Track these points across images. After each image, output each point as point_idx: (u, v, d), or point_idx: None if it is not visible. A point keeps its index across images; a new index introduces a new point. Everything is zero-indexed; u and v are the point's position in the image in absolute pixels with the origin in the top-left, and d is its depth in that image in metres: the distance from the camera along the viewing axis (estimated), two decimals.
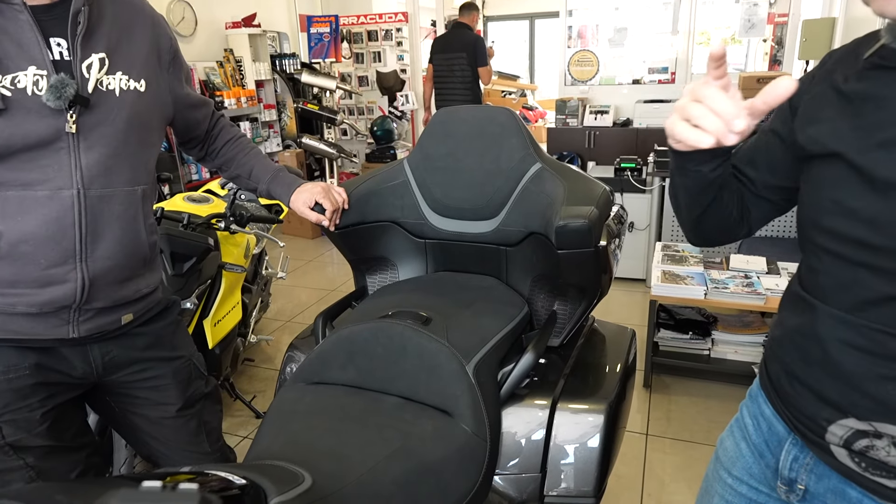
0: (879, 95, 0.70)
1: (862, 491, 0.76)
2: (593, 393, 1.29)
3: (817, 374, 0.78)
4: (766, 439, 0.91)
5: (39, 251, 1.01)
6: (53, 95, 0.97)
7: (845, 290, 0.74)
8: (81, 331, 1.10)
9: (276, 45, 5.84)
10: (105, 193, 1.06)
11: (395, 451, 1.00)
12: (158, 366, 1.24)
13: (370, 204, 1.54)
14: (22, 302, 1.03)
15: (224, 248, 2.13)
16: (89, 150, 1.03)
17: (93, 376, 1.16)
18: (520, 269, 1.50)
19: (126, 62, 1.09)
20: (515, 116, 1.47)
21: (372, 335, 1.20)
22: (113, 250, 1.09)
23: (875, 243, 0.69)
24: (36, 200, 0.99)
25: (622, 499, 2.04)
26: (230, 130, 1.45)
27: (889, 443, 0.71)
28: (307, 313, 3.69)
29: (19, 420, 1.08)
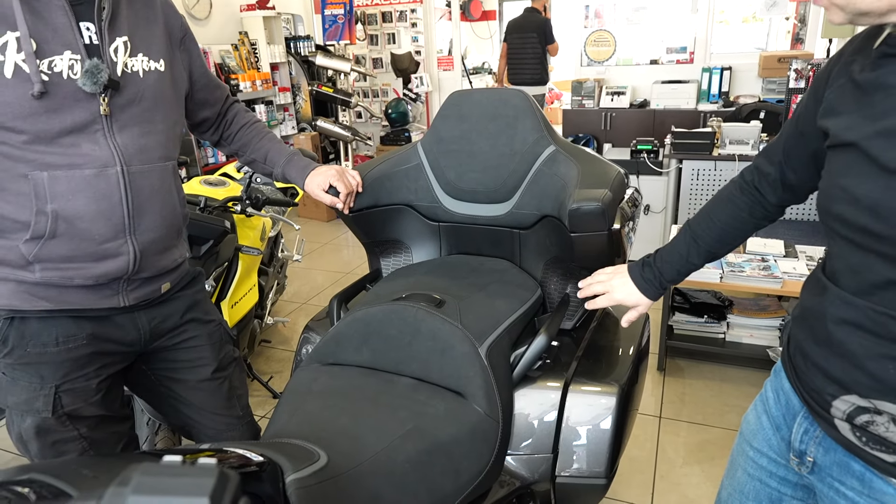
0: (888, 84, 0.71)
1: (864, 464, 0.79)
2: (605, 375, 1.30)
3: (824, 353, 0.81)
4: (783, 413, 0.95)
5: (93, 227, 1.06)
6: (90, 80, 1.01)
7: (854, 273, 0.76)
8: (129, 300, 1.16)
9: (291, 27, 5.83)
10: (143, 169, 1.11)
11: (409, 430, 1.01)
12: (195, 328, 1.31)
13: (384, 187, 1.54)
14: (79, 275, 1.08)
15: (240, 230, 2.16)
16: (122, 130, 1.08)
17: (140, 343, 1.23)
18: (533, 253, 1.50)
19: (145, 44, 1.13)
20: (529, 98, 1.46)
21: (386, 317, 1.22)
22: (156, 223, 1.15)
23: (877, 230, 0.71)
24: (84, 179, 1.04)
25: (635, 480, 2.06)
26: (245, 115, 1.47)
27: (888, 419, 0.74)
28: (323, 296, 3.73)
29: (77, 389, 1.14)
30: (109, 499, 0.39)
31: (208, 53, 4.72)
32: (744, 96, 4.81)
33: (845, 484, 0.83)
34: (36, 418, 1.13)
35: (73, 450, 1.17)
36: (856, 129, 0.74)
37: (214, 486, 0.39)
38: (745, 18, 6.49)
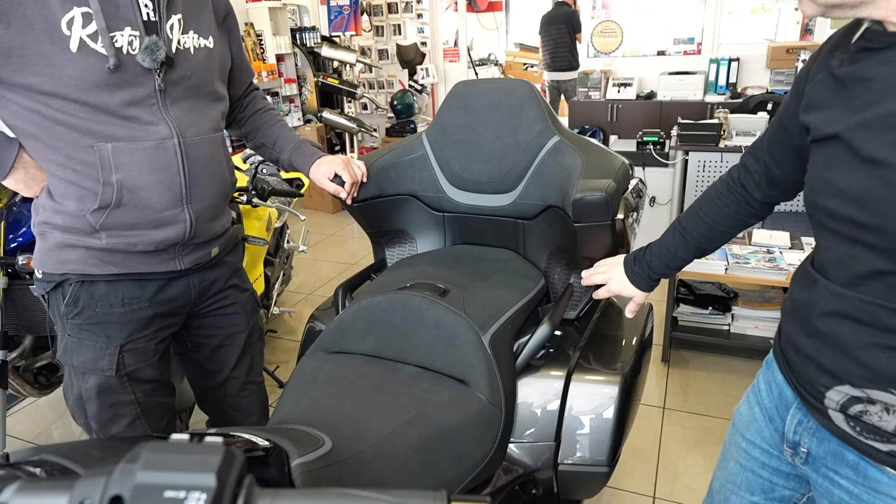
0: (865, 77, 0.72)
1: (858, 454, 0.80)
2: (608, 365, 1.30)
3: (816, 344, 0.82)
4: (776, 404, 0.95)
5: (154, 196, 1.12)
6: (149, 56, 1.06)
7: (841, 265, 0.77)
8: (185, 263, 1.24)
9: (297, 18, 5.82)
10: (196, 141, 1.17)
11: (413, 417, 1.03)
12: (235, 295, 1.39)
13: (389, 177, 1.55)
14: (142, 241, 1.16)
15: (246, 221, 2.17)
16: (174, 104, 1.13)
17: (190, 305, 1.30)
18: (537, 243, 1.51)
19: (195, 21, 1.17)
20: (534, 89, 1.46)
21: (390, 306, 1.23)
22: (208, 191, 1.21)
23: (862, 221, 0.72)
24: (145, 151, 1.10)
25: (637, 470, 2.07)
26: (261, 102, 1.50)
27: (882, 408, 0.75)
28: (328, 286, 3.75)
29: (139, 350, 1.22)
30: (119, 475, 0.40)
31: None
32: (751, 87, 4.77)
33: (839, 473, 0.84)
34: (99, 377, 1.20)
35: (127, 414, 1.24)
36: (837, 123, 0.75)
37: (221, 462, 0.40)
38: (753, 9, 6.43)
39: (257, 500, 0.42)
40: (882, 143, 0.69)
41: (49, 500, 0.40)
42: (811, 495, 0.96)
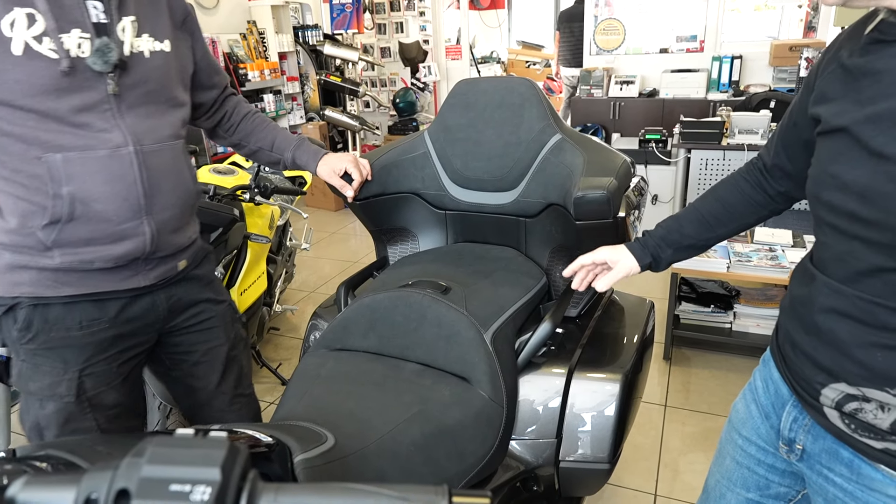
0: (876, 69, 0.71)
1: (853, 451, 0.80)
2: (610, 362, 1.31)
3: (813, 341, 0.82)
4: (772, 401, 0.95)
5: (110, 209, 1.06)
6: (101, 59, 1.00)
7: (841, 261, 0.77)
8: (149, 279, 1.17)
9: (299, 16, 5.82)
10: (155, 149, 1.11)
11: (414, 414, 1.03)
12: (210, 308, 1.32)
13: (391, 175, 1.56)
14: (99, 258, 1.09)
15: (249, 219, 2.18)
16: (130, 110, 1.08)
17: (160, 322, 1.24)
18: (539, 241, 1.51)
19: (150, 24, 1.12)
20: (536, 87, 1.46)
21: (392, 304, 1.23)
22: (170, 201, 1.15)
23: (865, 216, 0.71)
24: (98, 160, 1.04)
25: (639, 467, 2.07)
26: (246, 106, 1.45)
27: (876, 406, 0.75)
28: (330, 284, 3.75)
29: (99, 373, 1.15)
30: (125, 469, 0.41)
31: (216, 43, 4.72)
32: (754, 85, 4.76)
33: (834, 471, 0.84)
34: (58, 403, 1.13)
35: None
36: (845, 115, 0.74)
37: (225, 457, 0.41)
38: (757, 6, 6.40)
39: (261, 494, 0.43)
40: (891, 138, 0.68)
41: (57, 494, 0.41)
42: (806, 492, 0.96)
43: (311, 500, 0.43)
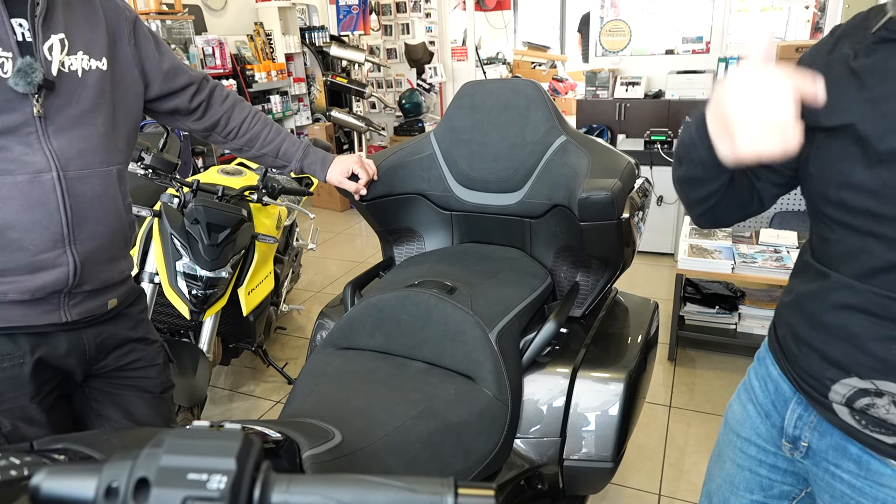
0: (885, 68, 0.72)
1: (862, 447, 0.81)
2: (614, 362, 1.32)
3: (822, 337, 0.81)
4: (772, 400, 0.95)
5: (27, 237, 0.99)
6: (23, 80, 0.95)
7: (853, 258, 0.77)
8: (73, 315, 1.09)
9: (306, 17, 5.85)
10: (83, 175, 1.04)
11: (421, 412, 1.05)
12: (141, 348, 1.24)
13: (398, 176, 1.57)
14: (14, 289, 1.01)
15: (257, 219, 2.20)
16: (58, 133, 1.01)
17: (84, 361, 1.15)
18: (543, 241, 1.52)
19: (84, 41, 1.06)
20: (541, 89, 1.48)
21: (399, 303, 1.25)
22: (98, 231, 1.08)
23: (881, 212, 0.72)
24: (16, 185, 0.97)
25: (644, 467, 2.08)
26: (245, 106, 1.40)
27: (889, 401, 0.75)
28: (336, 284, 3.77)
29: (15, 409, 1.06)
30: (144, 459, 0.42)
31: (224, 44, 4.76)
32: None
33: (841, 467, 0.84)
34: None
35: None
36: (850, 113, 0.74)
37: (240, 448, 0.43)
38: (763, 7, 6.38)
39: (274, 484, 0.44)
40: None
41: (79, 483, 0.43)
42: (810, 490, 0.96)
43: (322, 491, 0.45)
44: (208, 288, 1.85)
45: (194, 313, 1.87)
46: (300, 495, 0.44)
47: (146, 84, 1.21)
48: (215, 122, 1.36)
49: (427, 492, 0.45)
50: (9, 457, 0.55)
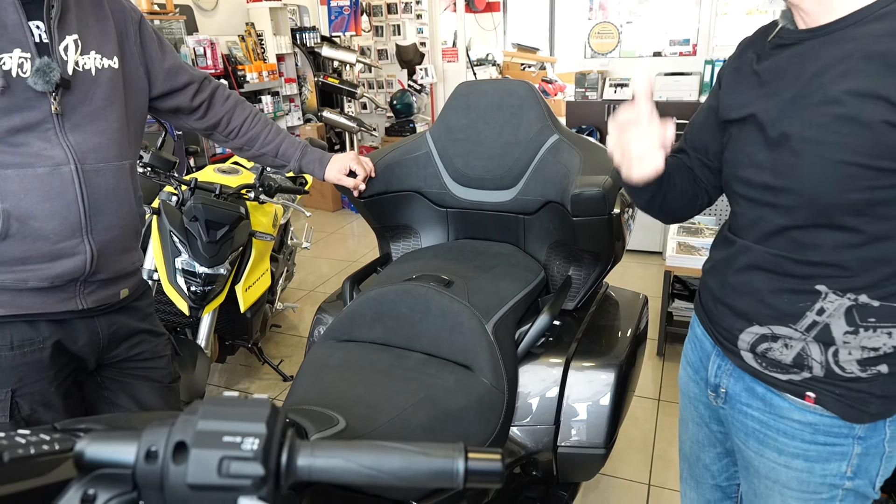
0: (778, 68, 0.87)
1: (766, 386, 0.96)
2: (605, 353, 1.37)
3: (731, 293, 0.97)
4: (699, 357, 1.11)
5: (48, 226, 1.04)
6: (42, 79, 1.00)
7: (754, 225, 0.92)
8: (88, 302, 1.14)
9: (297, 18, 5.87)
10: (98, 168, 1.09)
11: (421, 400, 1.09)
12: (151, 339, 1.29)
13: (395, 174, 1.61)
14: (34, 277, 1.06)
15: (253, 217, 2.22)
16: (74, 129, 1.06)
17: (98, 350, 1.20)
18: (537, 237, 1.57)
19: (96, 41, 1.11)
20: (534, 89, 1.52)
21: (398, 296, 1.29)
22: (113, 222, 1.13)
23: (773, 185, 0.86)
24: (36, 178, 1.02)
25: (634, 458, 2.13)
26: (246, 107, 1.44)
27: (782, 344, 0.91)
28: (329, 284, 3.80)
29: (35, 393, 1.11)
30: (181, 424, 0.46)
31: (215, 44, 4.77)
32: None
33: (752, 406, 0.99)
34: None
35: None
36: (753, 106, 0.89)
37: (269, 414, 0.47)
38: (749, 10, 6.47)
39: (299, 449, 0.48)
40: (790, 121, 0.83)
41: (120, 448, 0.46)
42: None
43: (343, 455, 0.49)
44: (207, 284, 1.87)
45: (193, 309, 1.90)
46: (323, 458, 0.48)
47: (150, 82, 1.25)
48: (217, 122, 1.40)
49: (440, 455, 0.49)
50: (38, 433, 0.58)
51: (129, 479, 0.46)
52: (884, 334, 0.84)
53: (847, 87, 0.77)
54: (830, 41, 0.80)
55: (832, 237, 0.83)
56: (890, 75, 0.74)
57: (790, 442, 0.95)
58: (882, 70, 0.74)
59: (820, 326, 0.87)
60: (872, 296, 0.83)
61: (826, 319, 0.86)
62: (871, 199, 0.79)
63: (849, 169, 0.78)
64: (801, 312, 0.88)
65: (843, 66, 0.78)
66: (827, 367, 0.88)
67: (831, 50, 0.80)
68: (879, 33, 0.76)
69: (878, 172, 0.76)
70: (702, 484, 1.21)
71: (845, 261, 0.83)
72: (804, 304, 0.87)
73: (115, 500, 0.45)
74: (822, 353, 0.88)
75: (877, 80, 0.75)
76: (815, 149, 0.80)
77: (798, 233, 0.86)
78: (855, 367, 0.87)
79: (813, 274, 0.86)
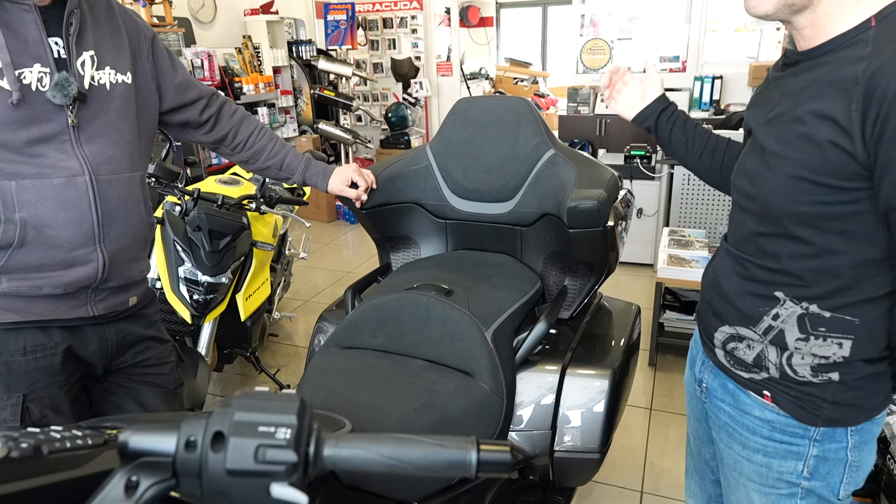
0: (779, 84, 0.94)
1: (735, 383, 1.03)
2: (600, 360, 1.41)
3: (712, 294, 1.06)
4: (694, 354, 1.19)
5: (62, 234, 1.08)
6: (60, 92, 1.04)
7: (735, 230, 1.00)
8: (98, 309, 1.17)
9: (293, 31, 5.93)
10: (111, 179, 1.13)
11: (423, 404, 1.12)
12: (157, 346, 1.33)
13: (395, 186, 1.66)
14: (48, 284, 1.09)
15: (254, 227, 2.26)
16: (89, 141, 1.10)
17: (106, 356, 1.23)
18: (533, 248, 1.62)
19: (111, 57, 1.16)
20: (531, 106, 1.58)
21: (400, 305, 1.33)
22: (124, 231, 1.17)
23: (751, 192, 0.94)
24: (52, 188, 1.06)
25: (627, 466, 2.17)
26: (252, 121, 1.48)
27: (746, 344, 0.98)
28: (323, 295, 3.83)
29: (45, 398, 1.14)
30: (218, 416, 0.50)
31: (213, 56, 4.82)
32: (734, 104, 4.95)
33: (724, 401, 1.06)
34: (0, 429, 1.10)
35: None
36: (754, 119, 0.97)
37: (299, 407, 0.51)
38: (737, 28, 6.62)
39: (325, 440, 0.52)
40: (769, 135, 0.90)
41: (161, 438, 0.50)
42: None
43: (366, 446, 0.53)
44: (209, 293, 1.90)
45: (195, 317, 1.93)
46: (347, 449, 0.52)
47: (160, 96, 1.30)
48: (224, 135, 1.45)
49: (454, 447, 0.53)
50: (70, 430, 0.62)
51: (169, 466, 0.50)
52: (834, 344, 0.89)
53: (811, 108, 0.83)
54: (813, 65, 0.86)
55: (788, 246, 0.89)
56: (841, 98, 0.79)
57: (752, 437, 1.01)
58: (837, 94, 0.80)
59: (776, 331, 0.93)
60: (823, 306, 0.88)
61: (781, 325, 0.92)
62: (818, 213, 0.85)
63: (799, 183, 0.84)
64: (759, 316, 0.95)
65: (812, 88, 0.84)
66: (781, 370, 0.94)
67: (809, 73, 0.86)
68: (846, 59, 0.81)
69: (823, 188, 0.83)
70: (704, 478, 1.26)
71: (799, 270, 0.89)
72: (763, 308, 0.94)
73: (155, 486, 0.49)
74: (777, 356, 0.94)
75: (831, 103, 0.80)
76: (778, 162, 0.87)
77: (763, 239, 0.93)
78: (808, 371, 0.92)
79: (773, 280, 0.92)
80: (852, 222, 0.84)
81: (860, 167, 0.79)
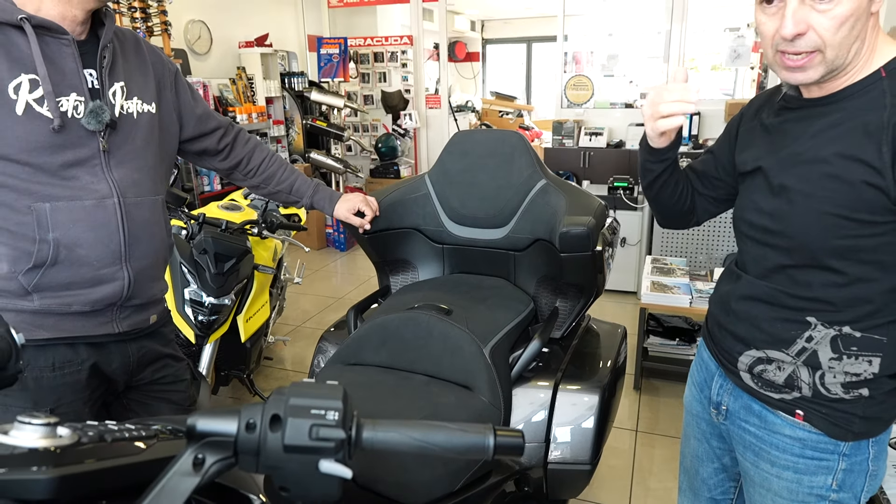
0: (783, 128, 1.02)
1: (761, 404, 1.08)
2: (589, 377, 1.50)
3: (733, 321, 1.11)
4: (704, 377, 1.23)
5: (92, 253, 1.15)
6: (94, 119, 1.12)
7: (756, 263, 1.06)
8: (122, 326, 1.24)
9: (286, 63, 6.09)
10: (137, 201, 1.21)
11: (426, 416, 1.20)
12: (173, 364, 1.40)
13: (396, 212, 1.75)
14: (77, 301, 1.16)
15: (255, 251, 2.33)
16: (118, 165, 1.18)
17: (128, 372, 1.29)
18: (526, 271, 1.72)
19: (139, 88, 1.25)
20: (524, 139, 1.70)
21: (402, 323, 1.41)
22: (148, 251, 1.24)
23: (773, 229, 1.01)
24: (84, 209, 1.13)
25: (615, 486, 2.24)
26: (264, 148, 1.58)
27: (776, 366, 1.04)
28: (314, 321, 3.88)
29: (70, 413, 1.18)
30: (273, 401, 0.58)
31: (208, 86, 4.93)
32: (711, 139, 5.16)
33: (749, 422, 1.11)
34: None
35: None
36: (762, 160, 1.04)
37: (343, 394, 0.59)
38: (714, 66, 6.93)
39: (364, 425, 0.60)
40: (788, 174, 0.97)
41: (224, 422, 0.58)
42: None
43: (399, 430, 0.61)
44: (213, 314, 1.97)
45: (199, 338, 1.98)
46: (383, 432, 0.60)
47: (181, 126, 1.39)
48: (238, 162, 1.54)
49: (474, 431, 0.62)
50: (122, 424, 0.69)
51: (230, 446, 0.57)
52: (864, 362, 0.95)
53: (835, 150, 0.91)
54: (827, 111, 0.95)
55: (821, 277, 0.95)
56: (869, 142, 0.87)
57: (782, 455, 1.05)
58: (863, 138, 0.88)
59: (809, 352, 0.98)
60: (855, 328, 0.95)
61: (814, 346, 0.98)
62: (852, 246, 0.91)
63: (832, 219, 0.91)
64: (792, 339, 1.00)
65: (833, 132, 0.92)
66: (814, 388, 0.99)
67: (826, 118, 0.94)
68: (863, 107, 0.90)
69: (858, 223, 0.91)
70: (699, 496, 1.32)
71: (832, 297, 0.95)
72: (795, 332, 0.99)
73: (217, 463, 0.57)
74: (810, 375, 0.99)
75: (858, 146, 0.88)
76: (805, 200, 0.94)
77: (793, 271, 0.98)
78: (839, 389, 0.98)
79: (804, 307, 0.98)
80: (885, 252, 0.91)
81: (892, 202, 0.87)
